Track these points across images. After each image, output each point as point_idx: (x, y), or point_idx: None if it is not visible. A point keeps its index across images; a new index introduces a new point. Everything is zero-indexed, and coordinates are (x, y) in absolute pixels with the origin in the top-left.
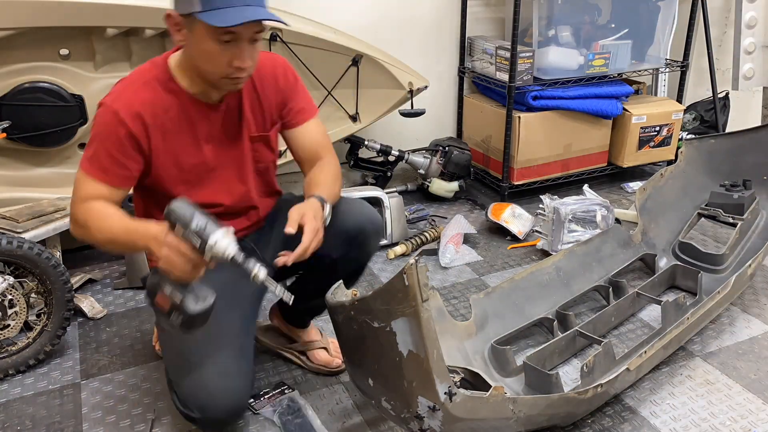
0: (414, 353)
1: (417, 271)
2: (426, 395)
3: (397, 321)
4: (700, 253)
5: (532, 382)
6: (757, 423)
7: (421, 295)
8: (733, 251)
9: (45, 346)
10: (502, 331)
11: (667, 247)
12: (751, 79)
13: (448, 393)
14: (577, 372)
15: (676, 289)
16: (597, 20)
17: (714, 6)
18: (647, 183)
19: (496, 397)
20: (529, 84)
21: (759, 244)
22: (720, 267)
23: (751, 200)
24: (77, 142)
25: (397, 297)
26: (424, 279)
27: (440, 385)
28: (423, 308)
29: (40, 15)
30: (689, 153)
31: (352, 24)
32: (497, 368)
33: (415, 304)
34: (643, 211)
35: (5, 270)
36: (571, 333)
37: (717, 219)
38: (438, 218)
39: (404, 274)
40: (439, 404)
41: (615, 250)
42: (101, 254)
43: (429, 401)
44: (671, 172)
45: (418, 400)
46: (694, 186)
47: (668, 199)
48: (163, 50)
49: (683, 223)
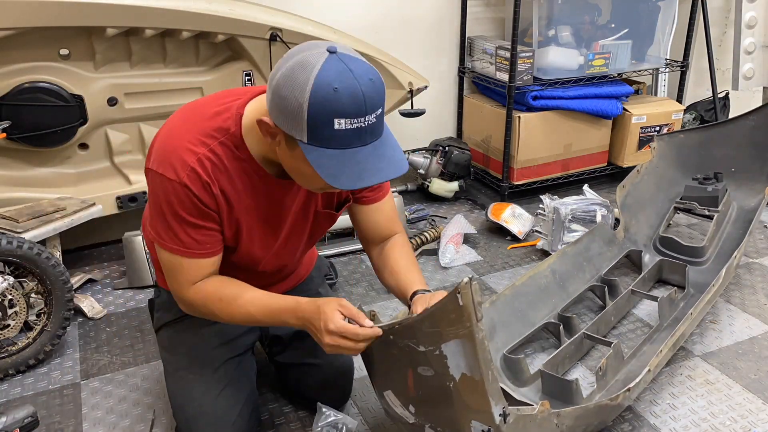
0: (468, 376)
1: (472, 291)
2: (480, 419)
3: (449, 344)
4: (682, 246)
5: (550, 390)
6: (757, 423)
7: (477, 315)
8: (711, 242)
9: (45, 346)
10: (510, 340)
11: (648, 242)
12: (751, 79)
13: (503, 414)
14: (588, 375)
15: (664, 283)
16: (597, 20)
17: (714, 6)
18: (626, 180)
19: (543, 413)
20: (529, 84)
21: (734, 234)
22: (702, 259)
23: (724, 192)
24: (77, 142)
25: (449, 318)
26: (478, 298)
27: (495, 407)
28: (478, 329)
29: (40, 15)
30: (660, 148)
31: (352, 24)
32: (511, 378)
33: (470, 325)
34: (624, 207)
35: (5, 270)
36: (579, 336)
37: (693, 212)
38: (438, 218)
39: (458, 293)
40: (494, 427)
41: (602, 248)
42: (101, 254)
43: (483, 425)
44: (646, 168)
45: (471, 424)
46: (667, 180)
47: (645, 195)
48: (163, 50)
49: (661, 218)
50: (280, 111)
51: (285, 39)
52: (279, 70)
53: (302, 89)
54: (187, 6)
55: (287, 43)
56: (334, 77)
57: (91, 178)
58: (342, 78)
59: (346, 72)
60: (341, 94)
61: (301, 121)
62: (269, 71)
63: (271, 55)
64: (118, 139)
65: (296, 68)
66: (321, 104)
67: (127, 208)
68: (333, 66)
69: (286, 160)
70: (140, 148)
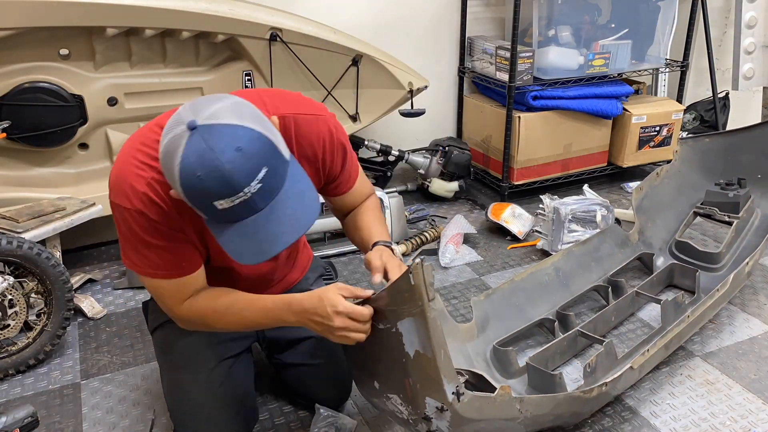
0: (421, 353)
1: (423, 271)
2: (434, 396)
3: (403, 321)
4: (698, 251)
5: (536, 383)
6: (757, 423)
7: (428, 295)
8: (729, 249)
9: (45, 346)
10: (503, 333)
11: (663, 246)
12: (751, 79)
13: (456, 393)
14: (579, 372)
15: (674, 287)
16: (597, 20)
17: (714, 6)
18: (643, 182)
19: (504, 397)
20: (529, 84)
21: (755, 242)
22: (717, 265)
23: (746, 198)
24: (77, 142)
25: (403, 297)
26: (429, 278)
27: (448, 385)
28: (429, 308)
29: (40, 15)
30: (684, 152)
31: (352, 24)
32: (499, 370)
33: (421, 303)
34: (639, 210)
35: (5, 270)
36: (573, 333)
37: (713, 217)
38: (438, 218)
39: (410, 273)
40: (447, 404)
41: (613, 249)
42: (101, 254)
43: (437, 402)
44: (667, 172)
45: (426, 401)
46: (690, 185)
47: (664, 199)
48: (163, 50)
49: (679, 222)
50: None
51: (285, 39)
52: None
53: (174, 180)
54: (187, 6)
55: (287, 43)
56: (195, 163)
57: (91, 178)
58: (203, 162)
59: (207, 152)
60: (205, 180)
61: (192, 204)
62: (269, 71)
63: (271, 55)
64: (118, 139)
65: (165, 157)
66: (193, 193)
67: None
68: (193, 148)
69: None
70: None
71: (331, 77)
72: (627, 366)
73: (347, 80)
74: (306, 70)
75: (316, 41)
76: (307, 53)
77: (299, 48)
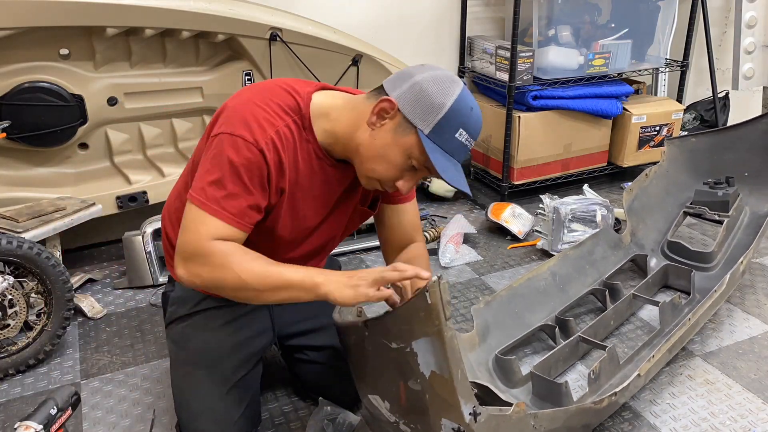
0: (437, 374)
1: (440, 289)
2: (450, 417)
3: (419, 341)
4: (690, 251)
5: (541, 392)
6: (757, 423)
7: (445, 314)
8: (721, 248)
9: (45, 346)
10: (504, 341)
11: (655, 246)
12: (751, 78)
13: (473, 413)
14: (581, 378)
15: (669, 288)
16: (597, 20)
17: (714, 6)
18: (633, 184)
19: (519, 414)
20: (529, 84)
21: (745, 240)
22: (710, 264)
23: (735, 197)
24: (77, 142)
25: (419, 316)
26: (447, 296)
27: (465, 406)
28: (447, 327)
29: (40, 15)
30: (671, 152)
31: (352, 24)
32: (502, 379)
33: (438, 323)
34: (630, 211)
35: (5, 270)
36: (574, 339)
37: (703, 217)
38: (438, 218)
39: (426, 292)
40: (464, 425)
41: (606, 252)
42: (101, 254)
43: (453, 423)
44: (655, 172)
45: (442, 422)
46: (678, 185)
47: (654, 199)
48: (163, 50)
49: (670, 222)
50: (415, 101)
51: (285, 39)
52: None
53: (449, 93)
54: (187, 6)
55: (287, 43)
56: (471, 101)
57: (91, 177)
58: (475, 105)
59: (475, 102)
60: (473, 114)
61: (435, 116)
62: (269, 71)
63: (271, 55)
64: (118, 139)
65: (445, 78)
66: (458, 112)
67: (127, 208)
68: (469, 94)
69: (378, 144)
70: (140, 148)
71: (332, 77)
72: (635, 374)
73: (347, 80)
74: (306, 70)
75: (316, 41)
76: (307, 53)
77: (299, 48)
